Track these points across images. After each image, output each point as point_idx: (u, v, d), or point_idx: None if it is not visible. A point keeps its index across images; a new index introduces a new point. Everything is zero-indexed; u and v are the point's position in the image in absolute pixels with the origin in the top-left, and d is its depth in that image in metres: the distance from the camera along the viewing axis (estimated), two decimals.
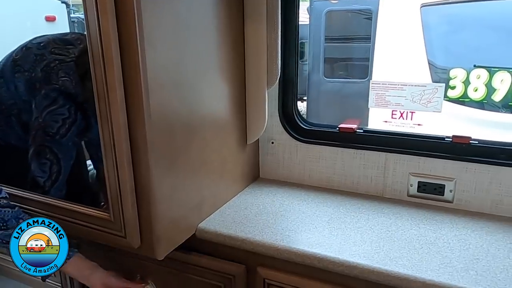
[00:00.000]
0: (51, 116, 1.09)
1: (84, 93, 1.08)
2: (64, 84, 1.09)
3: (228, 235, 1.02)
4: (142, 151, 0.86)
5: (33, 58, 1.13)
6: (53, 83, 1.09)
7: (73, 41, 1.17)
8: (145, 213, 0.91)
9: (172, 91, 0.91)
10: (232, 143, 1.20)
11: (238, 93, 1.18)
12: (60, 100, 1.10)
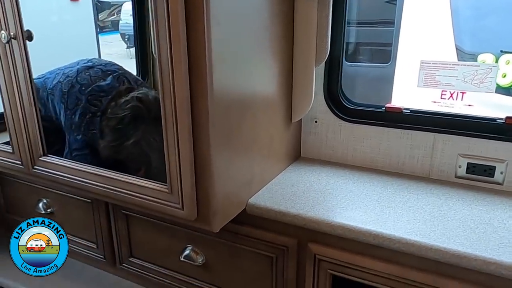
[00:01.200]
0: (79, 158, 1.20)
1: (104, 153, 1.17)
2: (92, 137, 1.20)
3: (279, 211, 1.03)
4: (204, 126, 0.87)
5: (74, 101, 1.20)
6: (84, 133, 1.20)
7: (107, 89, 1.23)
8: (203, 187, 0.92)
9: (231, 66, 0.91)
10: (279, 121, 1.20)
11: (286, 70, 1.18)
12: (85, 150, 1.22)
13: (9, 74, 1.10)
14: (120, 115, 1.13)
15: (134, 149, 1.12)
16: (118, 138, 1.13)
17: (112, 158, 1.16)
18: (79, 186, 1.12)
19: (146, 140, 1.11)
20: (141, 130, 1.12)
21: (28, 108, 1.11)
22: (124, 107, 1.13)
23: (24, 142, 1.16)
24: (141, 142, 1.12)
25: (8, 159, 1.23)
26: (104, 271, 1.46)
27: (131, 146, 1.12)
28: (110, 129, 1.14)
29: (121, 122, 1.13)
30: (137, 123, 1.12)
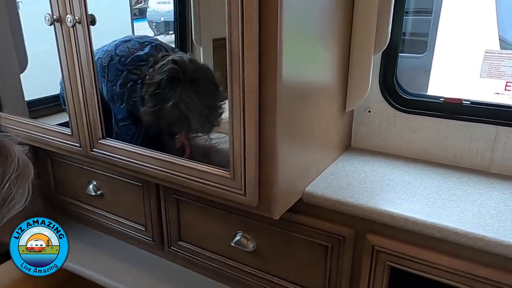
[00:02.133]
0: (123, 130, 1.26)
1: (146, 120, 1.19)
2: (134, 105, 1.22)
3: (338, 200, 1.02)
4: (271, 112, 0.86)
5: (115, 72, 1.23)
6: (126, 102, 1.22)
7: (145, 58, 1.25)
8: (266, 173, 0.92)
9: (298, 53, 0.90)
10: (334, 110, 1.18)
11: (343, 58, 1.15)
12: (129, 119, 1.25)
13: (72, 57, 1.12)
14: (158, 79, 1.14)
15: (173, 112, 1.13)
16: (158, 103, 1.14)
17: (154, 123, 1.18)
18: (137, 169, 1.14)
19: (183, 101, 1.12)
20: (178, 92, 1.12)
21: (89, 91, 1.13)
22: (161, 71, 1.14)
23: (84, 125, 1.18)
24: (179, 104, 1.12)
25: (67, 141, 1.26)
26: (151, 253, 1.48)
27: (170, 109, 1.13)
28: (150, 95, 1.16)
29: (159, 86, 1.14)
30: (174, 85, 1.13)
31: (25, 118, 1.42)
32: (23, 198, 0.74)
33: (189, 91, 1.11)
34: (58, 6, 1.06)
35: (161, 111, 1.14)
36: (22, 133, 1.41)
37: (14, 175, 0.69)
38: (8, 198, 0.69)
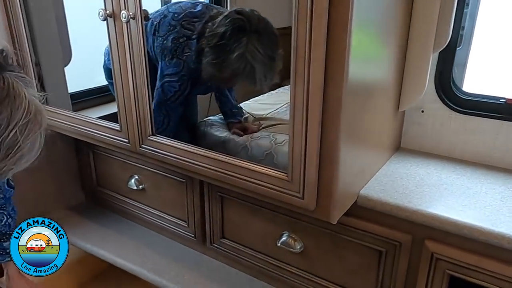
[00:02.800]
0: (167, 86, 1.26)
1: (199, 67, 1.21)
2: (186, 60, 1.22)
3: (395, 205, 0.98)
4: (335, 113, 0.83)
5: (167, 27, 1.24)
6: (178, 56, 1.22)
7: (199, 14, 1.25)
8: (326, 176, 0.89)
9: (363, 51, 0.86)
10: (389, 109, 1.14)
11: (399, 56, 1.11)
12: (178, 75, 1.25)
13: (124, 53, 1.11)
14: (221, 31, 1.13)
15: (239, 62, 1.12)
16: (221, 54, 1.14)
17: (215, 76, 1.19)
18: (187, 167, 1.12)
19: (250, 51, 1.11)
20: (244, 42, 1.11)
21: (141, 88, 1.12)
22: (224, 22, 1.14)
23: (134, 121, 1.18)
24: (245, 54, 1.11)
25: (115, 137, 1.26)
26: (192, 249, 1.48)
27: (235, 59, 1.12)
28: (211, 47, 1.15)
29: (223, 37, 1.13)
30: (240, 35, 1.12)
31: (72, 112, 1.42)
32: (32, 150, 0.69)
33: (255, 42, 1.10)
34: (112, 1, 1.05)
35: (225, 62, 1.13)
36: (68, 126, 1.42)
37: (22, 122, 0.64)
38: (14, 148, 0.64)
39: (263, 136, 1.40)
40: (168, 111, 1.30)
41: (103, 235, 1.58)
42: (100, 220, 1.66)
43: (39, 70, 1.49)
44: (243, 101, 1.65)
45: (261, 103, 1.75)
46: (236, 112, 1.49)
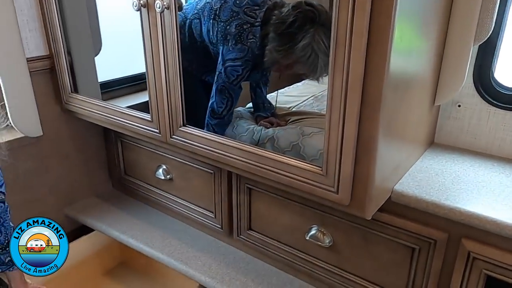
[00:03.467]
0: (230, 70, 1.29)
1: (262, 52, 1.23)
2: (251, 46, 1.24)
3: (432, 202, 0.96)
4: (374, 106, 0.81)
5: (229, 13, 1.26)
6: (242, 42, 1.24)
7: (259, 3, 1.27)
8: (362, 170, 0.87)
9: (406, 42, 0.84)
10: (425, 103, 1.11)
11: (438, 48, 1.07)
12: (242, 60, 1.27)
13: (157, 44, 1.11)
14: (290, 19, 1.17)
15: (305, 50, 1.16)
16: (287, 42, 1.18)
17: (279, 62, 1.23)
18: (218, 159, 1.12)
19: (316, 42, 1.15)
20: (311, 33, 1.15)
21: (173, 79, 1.12)
22: (294, 12, 1.17)
23: (165, 112, 1.18)
24: (312, 44, 1.15)
25: (146, 127, 1.27)
26: (219, 240, 1.49)
27: (301, 48, 1.16)
28: (278, 34, 1.20)
29: (291, 25, 1.17)
30: (307, 26, 1.15)
31: (102, 101, 1.44)
32: None
33: (321, 33, 1.14)
34: None
35: (290, 50, 1.18)
36: (98, 115, 1.43)
37: None
38: None
39: (291, 128, 1.38)
40: (231, 93, 1.34)
41: (130, 223, 1.60)
42: (127, 209, 1.69)
43: (70, 59, 1.50)
44: (268, 93, 1.64)
45: (287, 95, 1.72)
46: (268, 106, 1.50)
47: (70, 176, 1.69)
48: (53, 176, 1.63)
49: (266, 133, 1.39)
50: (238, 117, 1.47)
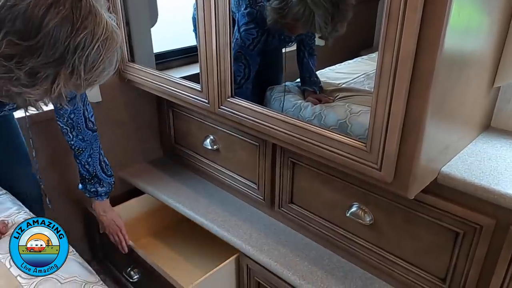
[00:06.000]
0: (245, 34, 1.30)
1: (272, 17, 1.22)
2: (260, 9, 1.24)
3: (481, 186, 0.92)
4: (424, 84, 0.79)
5: None
6: (252, 6, 1.25)
7: None
8: (408, 149, 0.86)
9: (463, 18, 0.80)
10: (483, 85, 1.05)
11: (502, 26, 1.01)
12: (254, 22, 1.27)
13: (209, 14, 1.13)
14: None
15: (299, 6, 1.13)
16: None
17: (278, 21, 1.21)
18: (263, 131, 1.14)
19: None
20: None
21: (223, 49, 1.14)
22: None
23: (214, 83, 1.21)
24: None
25: (196, 97, 1.31)
26: (261, 211, 1.53)
27: (295, 3, 1.13)
28: None
29: None
30: None
31: (156, 70, 1.50)
32: (111, 64, 0.76)
33: None
34: None
35: (287, 5, 1.16)
36: (152, 84, 1.50)
37: (103, 37, 0.71)
38: (98, 61, 0.72)
39: (339, 105, 1.37)
40: (248, 60, 1.34)
41: (178, 190, 1.68)
42: (176, 176, 1.77)
43: (128, 30, 1.57)
44: (318, 70, 1.62)
45: (337, 72, 1.70)
46: (314, 80, 1.47)
47: (124, 142, 1.80)
48: (108, 140, 1.74)
49: (313, 109, 1.39)
50: (286, 91, 1.47)
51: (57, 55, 0.68)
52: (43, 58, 0.67)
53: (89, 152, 1.32)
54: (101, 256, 1.81)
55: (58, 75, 0.70)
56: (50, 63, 0.68)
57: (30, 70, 0.68)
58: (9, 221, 1.04)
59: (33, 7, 0.65)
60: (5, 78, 0.69)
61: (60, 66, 0.69)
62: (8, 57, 0.67)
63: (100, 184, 1.40)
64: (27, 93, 0.72)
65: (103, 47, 0.71)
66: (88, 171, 1.36)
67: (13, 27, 0.65)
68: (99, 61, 0.72)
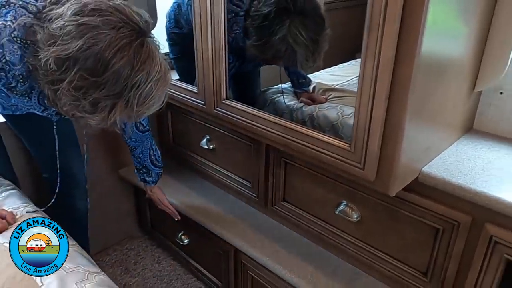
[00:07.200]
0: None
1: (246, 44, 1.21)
2: (235, 37, 1.24)
3: (458, 185, 0.98)
4: (403, 90, 0.85)
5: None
6: (227, 34, 1.21)
7: None
8: (388, 150, 0.92)
9: (440, 27, 0.86)
10: (464, 89, 1.11)
11: (481, 34, 1.07)
12: (230, 48, 1.24)
13: (206, 19, 1.18)
14: (265, 11, 1.13)
15: (280, 45, 1.12)
16: (264, 35, 1.14)
17: (259, 57, 1.21)
18: (256, 131, 1.20)
19: (292, 34, 1.10)
20: (286, 25, 1.10)
21: (219, 52, 1.20)
22: (269, 2, 1.13)
23: (210, 85, 1.27)
24: (287, 37, 1.10)
25: (193, 98, 1.37)
26: (255, 209, 1.59)
27: (277, 42, 1.11)
28: (255, 28, 1.16)
29: (266, 18, 1.13)
30: (283, 17, 1.10)
31: None
32: (160, 100, 0.90)
33: (298, 24, 1.09)
34: None
35: (268, 44, 1.13)
36: None
37: (156, 77, 0.84)
38: (149, 97, 0.85)
39: (331, 107, 1.43)
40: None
41: (176, 188, 1.74)
42: (174, 174, 1.83)
43: None
44: (313, 72, 1.68)
45: (332, 74, 1.75)
46: (303, 82, 1.51)
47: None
48: (108, 140, 1.80)
49: (307, 110, 1.45)
50: (280, 93, 1.53)
51: (117, 90, 0.82)
52: (105, 92, 0.82)
53: (141, 150, 1.44)
54: (149, 227, 1.99)
55: (115, 106, 0.84)
56: (110, 96, 0.82)
57: (93, 100, 0.83)
58: (17, 212, 1.10)
59: (104, 50, 0.79)
60: (73, 105, 0.85)
61: (118, 99, 0.83)
62: (78, 88, 0.81)
63: (149, 174, 1.53)
64: (89, 118, 0.87)
65: (155, 86, 0.85)
66: (139, 163, 1.49)
67: (85, 65, 0.79)
68: (150, 97, 0.86)
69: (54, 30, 0.82)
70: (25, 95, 0.98)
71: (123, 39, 0.80)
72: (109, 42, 0.79)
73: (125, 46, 0.80)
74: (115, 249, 1.95)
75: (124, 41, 0.80)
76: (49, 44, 0.82)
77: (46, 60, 0.81)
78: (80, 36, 0.79)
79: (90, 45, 0.79)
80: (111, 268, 1.84)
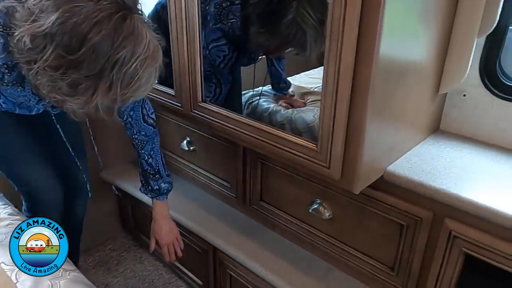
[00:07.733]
0: (215, 51, 1.24)
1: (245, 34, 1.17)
2: (232, 26, 1.19)
3: (420, 183, 1.04)
4: (363, 93, 0.90)
5: None
6: (222, 22, 1.18)
7: None
8: (352, 150, 0.96)
9: (397, 34, 0.91)
10: (427, 91, 1.17)
11: (442, 38, 1.12)
12: (224, 39, 1.21)
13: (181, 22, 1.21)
14: None
15: (289, 28, 1.08)
16: (269, 21, 1.10)
17: (265, 44, 1.16)
18: (230, 133, 1.25)
19: (301, 15, 1.06)
20: (294, 7, 1.06)
21: (194, 56, 1.23)
22: None
23: (187, 88, 1.31)
24: (296, 18, 1.06)
25: (170, 101, 1.41)
26: (233, 208, 1.63)
27: (285, 26, 1.07)
28: (258, 15, 1.13)
29: (271, 2, 1.09)
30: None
31: None
32: (148, 82, 0.82)
33: (305, 4, 1.05)
34: None
35: (275, 29, 1.09)
36: None
37: (142, 56, 0.77)
38: (134, 78, 0.78)
39: (308, 110, 1.48)
40: (220, 79, 1.32)
41: None
42: None
43: None
44: (293, 75, 1.72)
45: (311, 77, 1.80)
46: (283, 86, 1.55)
47: (106, 142, 1.88)
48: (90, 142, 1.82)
49: (285, 113, 1.49)
50: (259, 96, 1.58)
51: (97, 69, 0.76)
52: (84, 71, 0.75)
53: (151, 146, 1.31)
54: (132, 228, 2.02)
55: (97, 88, 0.78)
56: (90, 76, 0.76)
57: (72, 81, 0.76)
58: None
59: (79, 25, 0.73)
60: (51, 86, 0.78)
61: (99, 80, 0.77)
62: (54, 68, 0.75)
63: (163, 180, 1.35)
64: (68, 101, 0.81)
65: (141, 66, 0.78)
66: (151, 166, 1.32)
67: (61, 41, 0.73)
68: (136, 78, 0.79)
69: (30, 6, 0.76)
70: (16, 85, 0.92)
71: (102, 12, 0.74)
72: (86, 15, 0.73)
73: (103, 19, 0.73)
74: (98, 249, 1.98)
75: (102, 14, 0.74)
76: (25, 20, 0.76)
77: (21, 37, 0.75)
78: (55, 10, 0.73)
79: (65, 19, 0.72)
80: (94, 269, 1.87)
